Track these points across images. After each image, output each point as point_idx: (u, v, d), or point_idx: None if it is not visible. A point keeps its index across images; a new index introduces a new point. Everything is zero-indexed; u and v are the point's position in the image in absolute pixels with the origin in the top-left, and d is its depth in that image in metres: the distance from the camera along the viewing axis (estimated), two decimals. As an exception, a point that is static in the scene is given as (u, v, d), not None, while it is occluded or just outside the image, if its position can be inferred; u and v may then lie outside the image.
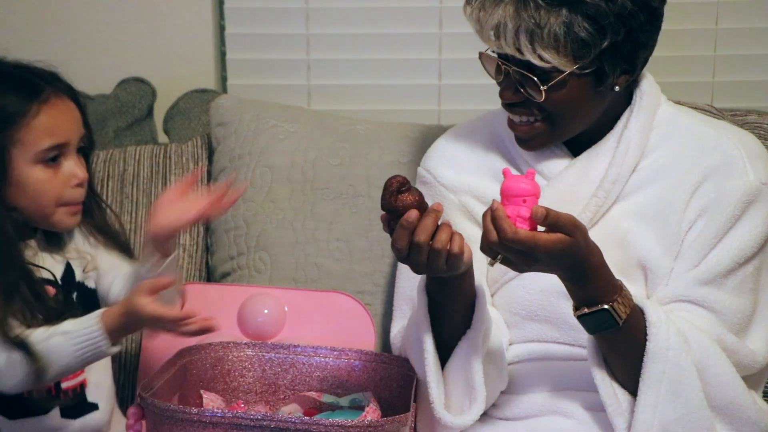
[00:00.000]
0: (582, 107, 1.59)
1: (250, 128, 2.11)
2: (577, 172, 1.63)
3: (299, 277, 2.00)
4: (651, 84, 1.67)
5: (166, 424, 1.44)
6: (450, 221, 1.49)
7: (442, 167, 1.74)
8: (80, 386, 1.66)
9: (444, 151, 1.76)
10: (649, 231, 1.61)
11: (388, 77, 2.44)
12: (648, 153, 1.63)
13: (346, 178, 2.05)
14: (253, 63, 2.45)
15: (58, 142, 1.59)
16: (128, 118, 2.30)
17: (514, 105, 1.59)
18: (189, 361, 1.67)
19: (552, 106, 1.56)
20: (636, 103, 1.63)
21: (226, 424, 1.42)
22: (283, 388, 1.71)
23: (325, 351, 1.72)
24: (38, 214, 1.61)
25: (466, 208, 1.71)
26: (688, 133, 1.65)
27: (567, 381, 1.63)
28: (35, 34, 2.39)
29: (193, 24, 2.43)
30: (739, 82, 2.42)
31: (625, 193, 1.62)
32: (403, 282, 1.74)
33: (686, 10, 2.41)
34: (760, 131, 2.05)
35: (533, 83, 1.54)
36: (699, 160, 1.61)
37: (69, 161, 1.61)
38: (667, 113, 1.67)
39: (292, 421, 1.42)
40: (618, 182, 1.61)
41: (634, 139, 1.62)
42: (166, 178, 2.13)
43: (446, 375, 1.56)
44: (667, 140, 1.64)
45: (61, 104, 1.62)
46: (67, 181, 1.61)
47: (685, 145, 1.64)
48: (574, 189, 1.62)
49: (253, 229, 2.04)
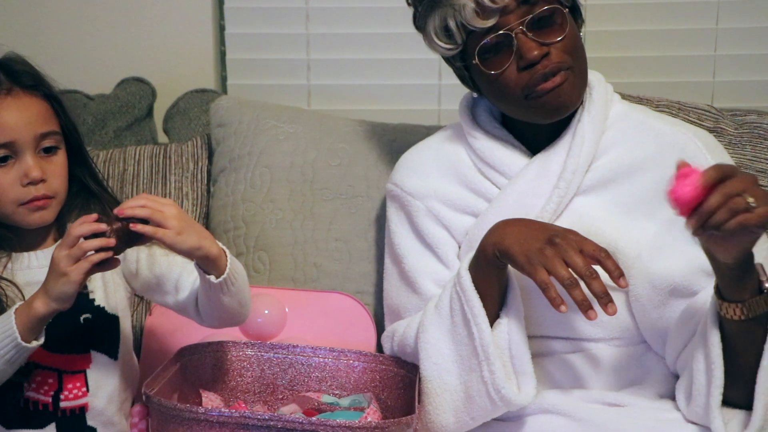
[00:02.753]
0: (581, 43, 1.65)
1: (250, 129, 2.11)
2: (537, 168, 1.67)
3: (298, 277, 2.00)
4: (599, 79, 1.72)
5: (172, 423, 1.44)
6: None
7: (407, 177, 1.78)
8: (80, 409, 1.64)
9: (409, 163, 1.81)
10: (616, 221, 1.63)
11: (388, 77, 2.44)
12: (605, 150, 1.67)
13: (346, 179, 2.05)
14: (253, 63, 2.45)
15: (1, 141, 1.57)
16: (128, 118, 2.30)
17: (539, 62, 1.59)
18: (188, 360, 1.67)
19: (569, 40, 1.60)
20: (586, 98, 1.69)
21: (233, 424, 1.41)
22: (282, 388, 1.71)
23: (324, 351, 1.72)
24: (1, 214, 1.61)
25: (432, 213, 1.74)
26: (644, 129, 1.70)
27: (561, 378, 1.64)
28: (35, 34, 2.39)
29: (193, 24, 2.43)
30: (739, 82, 2.42)
31: (585, 187, 1.66)
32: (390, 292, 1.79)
33: (686, 10, 2.41)
34: (760, 131, 2.05)
35: (550, 19, 1.59)
36: (659, 157, 1.65)
37: (22, 159, 1.59)
38: (620, 110, 1.72)
39: (300, 422, 1.42)
40: (577, 173, 1.65)
41: (588, 131, 1.66)
42: (165, 178, 2.13)
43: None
44: (623, 138, 1.68)
45: (11, 102, 1.59)
46: (17, 180, 1.59)
47: (643, 141, 1.68)
48: (535, 184, 1.66)
49: (252, 229, 2.04)
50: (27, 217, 1.61)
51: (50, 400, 1.62)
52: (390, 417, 1.64)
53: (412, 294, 1.74)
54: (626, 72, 2.39)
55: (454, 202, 1.73)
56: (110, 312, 1.67)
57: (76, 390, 1.63)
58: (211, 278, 1.54)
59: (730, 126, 2.06)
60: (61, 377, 1.62)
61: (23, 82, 1.62)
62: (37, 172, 1.59)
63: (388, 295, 1.80)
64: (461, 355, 1.58)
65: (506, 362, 1.55)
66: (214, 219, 2.08)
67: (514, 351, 1.55)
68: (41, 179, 1.60)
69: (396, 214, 1.79)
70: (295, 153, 2.07)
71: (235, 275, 1.56)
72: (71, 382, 1.63)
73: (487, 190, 1.71)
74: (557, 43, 1.60)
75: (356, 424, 1.43)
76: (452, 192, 1.73)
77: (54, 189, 1.62)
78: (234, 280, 1.56)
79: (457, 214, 1.73)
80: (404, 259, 1.75)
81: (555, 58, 1.60)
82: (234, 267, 1.56)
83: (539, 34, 1.59)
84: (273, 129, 2.10)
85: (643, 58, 2.42)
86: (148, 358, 1.90)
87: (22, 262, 1.65)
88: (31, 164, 1.59)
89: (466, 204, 1.72)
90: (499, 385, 1.52)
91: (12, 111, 1.59)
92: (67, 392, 1.63)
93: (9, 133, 1.58)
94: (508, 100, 1.65)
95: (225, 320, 1.63)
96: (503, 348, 1.55)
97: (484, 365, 1.54)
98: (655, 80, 2.40)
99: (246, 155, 2.08)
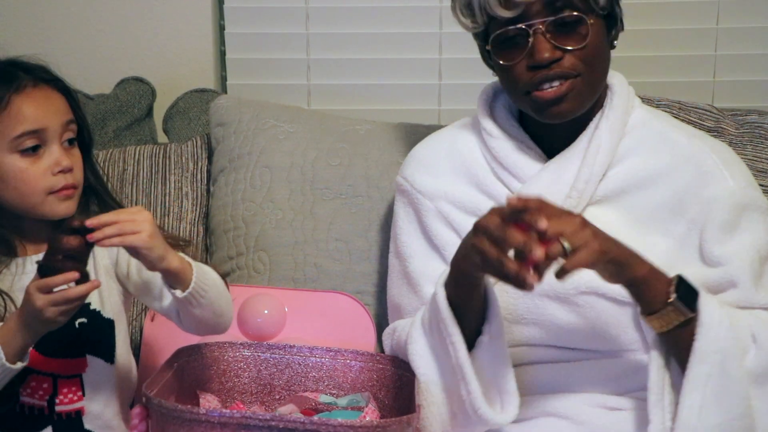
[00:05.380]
0: (603, 55, 1.62)
1: (250, 128, 2.11)
2: (551, 175, 1.64)
3: (298, 277, 2.00)
4: (622, 83, 1.69)
5: (173, 425, 1.43)
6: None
7: (419, 174, 1.75)
8: (76, 413, 1.63)
9: (421, 158, 1.78)
10: (626, 235, 1.60)
11: (388, 77, 2.44)
12: (621, 159, 1.65)
13: (346, 179, 2.05)
14: (252, 63, 2.45)
15: (32, 129, 1.58)
16: (128, 118, 2.29)
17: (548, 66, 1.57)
18: (186, 361, 1.67)
19: (589, 47, 1.57)
20: (607, 104, 1.66)
21: (235, 425, 1.40)
22: (279, 388, 1.71)
23: (321, 351, 1.71)
24: (26, 205, 1.60)
25: (442, 214, 1.72)
26: (661, 139, 1.66)
27: (559, 384, 1.62)
28: (35, 34, 2.40)
29: (193, 24, 2.43)
30: (740, 82, 2.42)
31: (598, 197, 1.64)
32: (392, 290, 1.78)
33: (687, 10, 2.41)
34: (761, 131, 2.05)
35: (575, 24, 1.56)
36: (674, 170, 1.63)
37: (51, 149, 1.60)
38: (639, 117, 1.68)
39: (301, 422, 1.41)
40: (590, 182, 1.62)
41: (605, 139, 1.63)
42: (165, 178, 2.13)
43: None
44: (639, 147, 1.65)
45: (38, 93, 1.60)
46: (49, 169, 1.59)
47: (659, 152, 1.65)
48: (548, 191, 1.61)
49: (252, 229, 2.04)
50: (56, 207, 1.61)
51: (45, 404, 1.61)
52: (388, 416, 1.63)
53: (414, 296, 1.73)
54: (626, 72, 2.37)
55: (464, 204, 1.70)
56: (106, 316, 1.66)
57: (71, 395, 1.63)
58: (176, 293, 1.54)
59: (731, 126, 2.06)
60: (56, 382, 1.62)
61: (42, 77, 1.63)
62: (67, 161, 1.60)
63: (391, 292, 1.79)
64: (444, 370, 1.57)
65: (488, 380, 1.53)
66: (214, 219, 2.08)
67: (496, 369, 1.53)
68: (70, 168, 1.61)
69: (404, 210, 1.77)
70: (295, 153, 2.07)
71: (203, 288, 1.55)
72: (66, 387, 1.62)
73: (499, 193, 1.68)
74: (573, 51, 1.57)
75: (358, 423, 1.43)
76: (463, 193, 1.71)
77: (77, 179, 1.63)
78: (203, 293, 1.55)
79: (467, 216, 1.69)
80: (410, 260, 1.74)
81: (567, 64, 1.57)
82: (202, 280, 1.55)
83: (558, 37, 1.56)
84: (273, 128, 2.10)
85: (643, 58, 2.41)
86: (147, 361, 1.90)
87: (21, 266, 1.64)
88: (61, 152, 1.60)
89: (477, 206, 1.69)
90: (476, 405, 1.51)
91: (39, 101, 1.60)
92: (62, 396, 1.62)
93: (40, 121, 1.58)
94: (512, 93, 1.64)
95: (203, 330, 1.63)
96: (485, 365, 1.53)
97: (461, 384, 1.52)
98: (655, 80, 2.40)
99: (246, 155, 2.08)
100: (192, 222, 2.11)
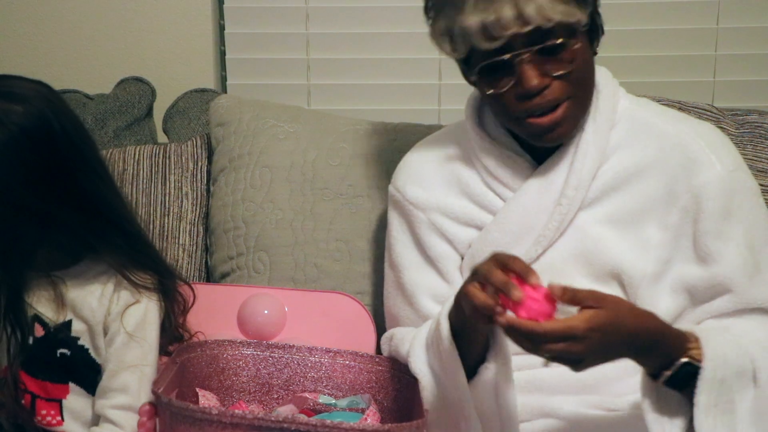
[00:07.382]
0: (590, 69, 1.59)
1: (250, 128, 2.11)
2: (540, 182, 1.63)
3: (298, 277, 2.00)
4: (607, 79, 1.66)
5: (183, 424, 1.42)
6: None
7: (410, 185, 1.74)
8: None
9: (412, 168, 1.76)
10: (620, 236, 1.60)
11: (388, 77, 2.45)
12: (609, 155, 1.63)
13: (346, 179, 2.05)
14: (252, 62, 2.46)
15: None
16: (128, 117, 2.29)
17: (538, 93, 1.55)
18: (186, 358, 1.67)
19: (577, 70, 1.54)
20: (592, 106, 1.63)
21: (247, 426, 1.40)
22: (277, 387, 1.71)
23: (320, 352, 1.71)
24: None
25: (435, 226, 1.70)
26: (647, 129, 1.64)
27: (557, 385, 1.61)
28: (36, 34, 2.39)
29: (193, 24, 2.43)
30: (740, 82, 2.42)
31: (590, 200, 1.62)
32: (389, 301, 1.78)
33: (687, 10, 2.41)
34: (761, 131, 2.05)
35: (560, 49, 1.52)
36: (662, 161, 1.61)
37: None
38: (623, 109, 1.66)
39: (314, 424, 1.41)
40: (580, 188, 1.60)
41: (591, 142, 1.61)
42: (165, 178, 2.13)
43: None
44: (626, 140, 1.63)
45: None
46: None
47: (645, 143, 1.63)
48: (538, 199, 1.62)
49: (252, 229, 2.04)
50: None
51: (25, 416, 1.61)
52: (388, 418, 1.63)
53: (408, 308, 1.72)
54: (626, 72, 2.37)
55: (457, 215, 1.69)
56: (93, 357, 1.64)
57: (49, 417, 1.62)
58: None
59: (731, 126, 2.06)
60: (34, 401, 1.61)
61: None
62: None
63: (387, 302, 1.78)
64: (444, 395, 1.55)
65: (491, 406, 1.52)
66: (214, 219, 2.08)
67: (500, 400, 1.51)
68: None
69: (397, 221, 1.76)
70: (295, 153, 2.07)
71: None
72: (45, 409, 1.62)
73: (491, 203, 1.67)
74: (562, 76, 1.54)
75: (370, 427, 1.43)
76: (456, 205, 1.69)
77: None
78: None
79: (460, 226, 1.69)
80: (404, 271, 1.73)
81: (557, 89, 1.54)
82: None
83: (544, 62, 1.52)
84: (273, 128, 2.10)
85: (643, 58, 2.42)
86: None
87: None
88: None
89: (470, 217, 1.68)
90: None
91: None
92: (40, 417, 1.62)
93: None
94: (503, 119, 1.62)
95: None
96: (488, 394, 1.52)
97: (460, 418, 1.51)
98: (655, 80, 2.40)
99: (246, 155, 2.08)
100: (192, 222, 2.11)
